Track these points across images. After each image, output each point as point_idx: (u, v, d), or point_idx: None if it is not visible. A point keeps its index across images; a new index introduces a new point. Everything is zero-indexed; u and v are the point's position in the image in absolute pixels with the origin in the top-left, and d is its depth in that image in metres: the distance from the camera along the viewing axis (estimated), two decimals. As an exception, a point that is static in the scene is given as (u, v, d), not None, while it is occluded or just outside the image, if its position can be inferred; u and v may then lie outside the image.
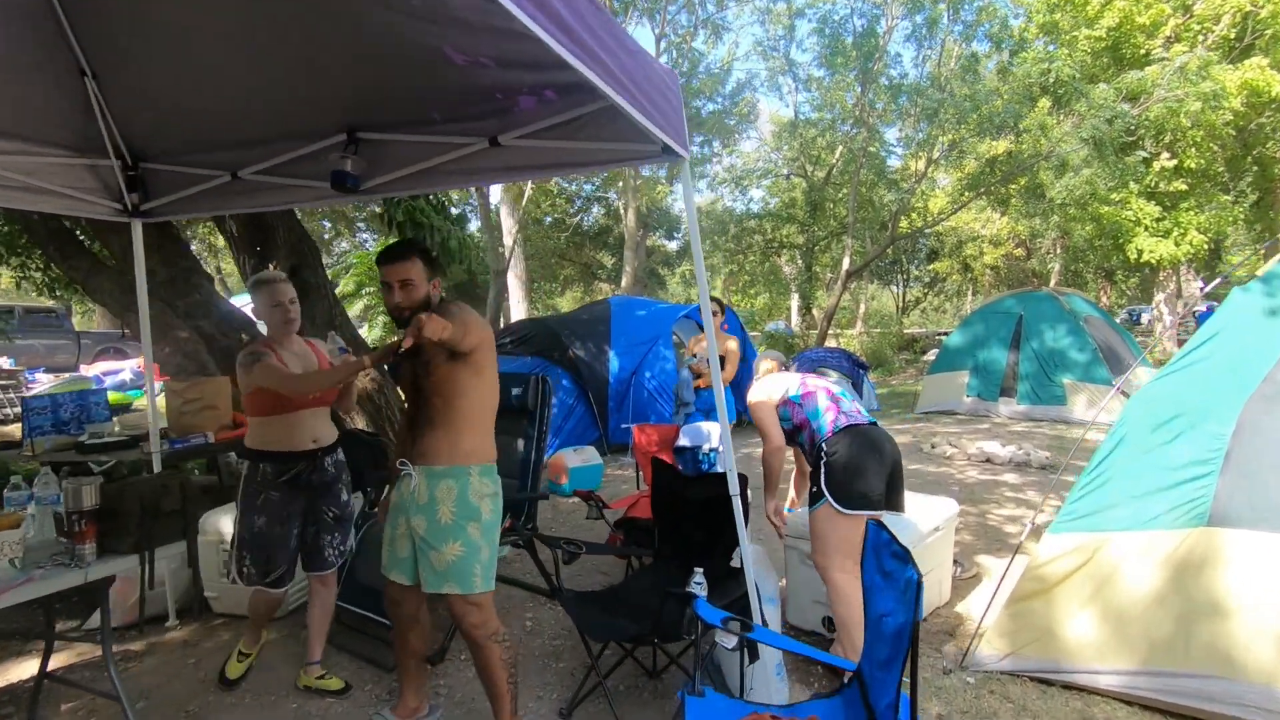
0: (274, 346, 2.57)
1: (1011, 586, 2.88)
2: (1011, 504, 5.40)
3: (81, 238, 6.12)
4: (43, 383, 11.00)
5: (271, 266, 5.39)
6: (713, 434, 3.97)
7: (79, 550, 2.29)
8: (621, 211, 20.53)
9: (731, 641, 2.28)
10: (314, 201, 3.11)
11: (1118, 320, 15.09)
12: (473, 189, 17.00)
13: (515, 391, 3.98)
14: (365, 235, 20.66)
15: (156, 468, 3.65)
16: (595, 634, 2.57)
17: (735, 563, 2.69)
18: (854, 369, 9.14)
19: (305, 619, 2.96)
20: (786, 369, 3.23)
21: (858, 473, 2.66)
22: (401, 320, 2.27)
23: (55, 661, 2.95)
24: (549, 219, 25.83)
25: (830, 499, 2.66)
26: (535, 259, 25.26)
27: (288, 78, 2.68)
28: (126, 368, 12.18)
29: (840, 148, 18.43)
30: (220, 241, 23.54)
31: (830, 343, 17.54)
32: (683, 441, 3.96)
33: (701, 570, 2.42)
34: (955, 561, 3.72)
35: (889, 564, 1.79)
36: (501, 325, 13.29)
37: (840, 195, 19.23)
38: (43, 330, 14.01)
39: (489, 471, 2.31)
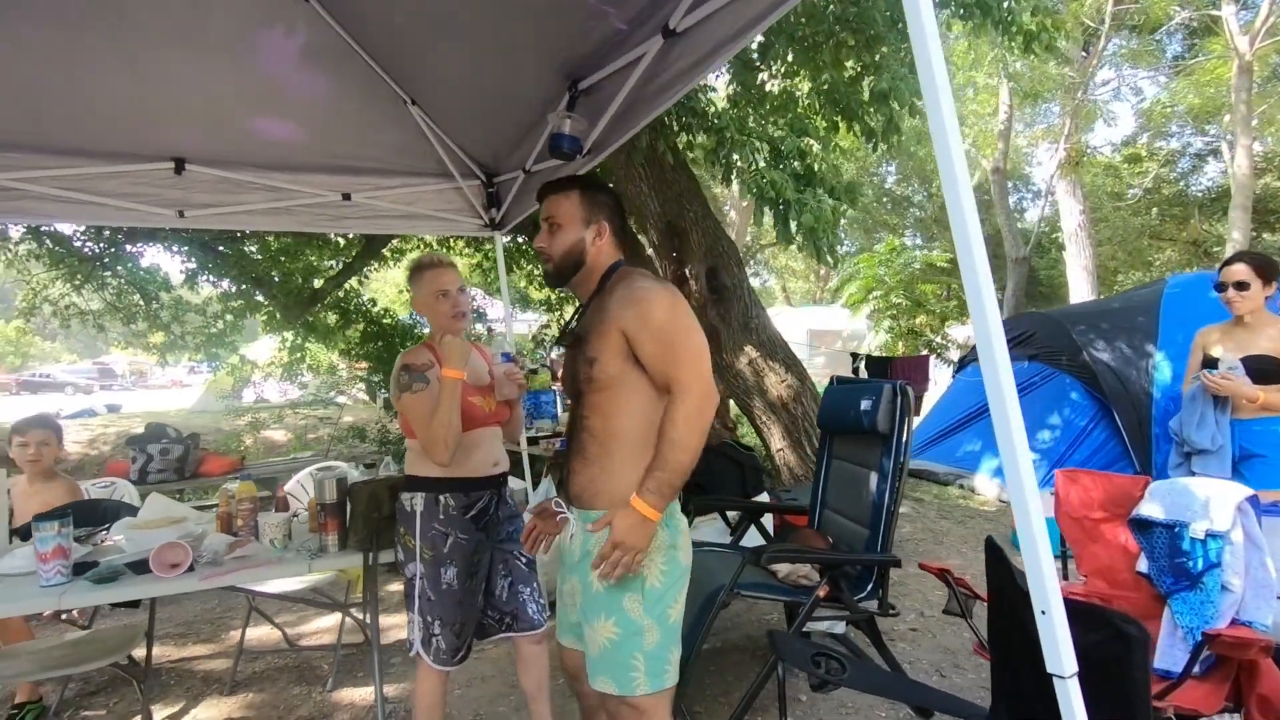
0: (436, 348, 2.14)
1: None
2: None
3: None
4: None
5: (688, 271, 5.34)
6: (1215, 503, 1.93)
7: (323, 540, 2.41)
8: (1225, 152, 14.58)
9: None
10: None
11: None
12: (988, 164, 14.59)
13: (864, 405, 2.86)
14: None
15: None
16: None
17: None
18: None
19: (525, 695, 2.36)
20: None
21: None
22: (548, 274, 1.74)
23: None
24: (1134, 190, 20.38)
25: None
26: (1113, 243, 20.34)
27: (524, 41, 2.38)
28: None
29: None
30: (782, 261, 26.19)
31: None
32: (1148, 510, 2.04)
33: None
34: None
35: None
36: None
37: None
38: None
39: (665, 519, 1.54)
